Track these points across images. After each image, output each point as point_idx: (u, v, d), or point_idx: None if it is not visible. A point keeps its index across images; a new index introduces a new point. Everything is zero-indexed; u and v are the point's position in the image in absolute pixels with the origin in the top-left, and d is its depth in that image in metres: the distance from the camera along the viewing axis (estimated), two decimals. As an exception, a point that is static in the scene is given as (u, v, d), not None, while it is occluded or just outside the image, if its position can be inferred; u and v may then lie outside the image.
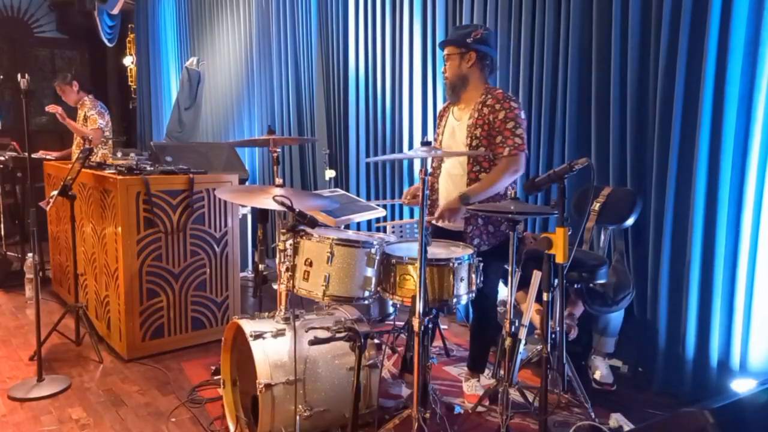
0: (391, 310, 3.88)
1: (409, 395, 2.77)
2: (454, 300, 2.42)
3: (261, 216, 4.05)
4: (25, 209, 5.14)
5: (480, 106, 2.78)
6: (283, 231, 2.47)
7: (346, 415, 2.32)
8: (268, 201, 2.40)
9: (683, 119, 2.81)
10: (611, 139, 3.14)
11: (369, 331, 2.26)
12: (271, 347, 2.37)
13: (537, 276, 2.36)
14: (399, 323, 3.04)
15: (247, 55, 6.32)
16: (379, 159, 3.92)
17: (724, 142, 2.68)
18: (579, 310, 2.98)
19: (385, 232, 4.05)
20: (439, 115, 3.10)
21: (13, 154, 5.13)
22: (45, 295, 4.46)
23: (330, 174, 4.79)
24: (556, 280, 2.32)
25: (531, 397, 2.64)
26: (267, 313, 2.61)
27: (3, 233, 5.42)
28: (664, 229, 2.92)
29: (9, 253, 5.20)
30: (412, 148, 4.41)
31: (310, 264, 2.43)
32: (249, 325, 2.42)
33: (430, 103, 4.24)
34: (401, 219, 4.48)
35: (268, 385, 2.29)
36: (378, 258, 2.44)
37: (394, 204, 4.48)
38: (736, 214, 2.71)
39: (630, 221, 3.02)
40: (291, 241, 2.46)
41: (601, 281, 2.88)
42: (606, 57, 3.15)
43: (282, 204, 2.31)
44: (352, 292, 2.43)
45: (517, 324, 2.45)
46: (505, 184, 2.76)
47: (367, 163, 4.88)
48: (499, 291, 3.68)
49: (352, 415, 2.15)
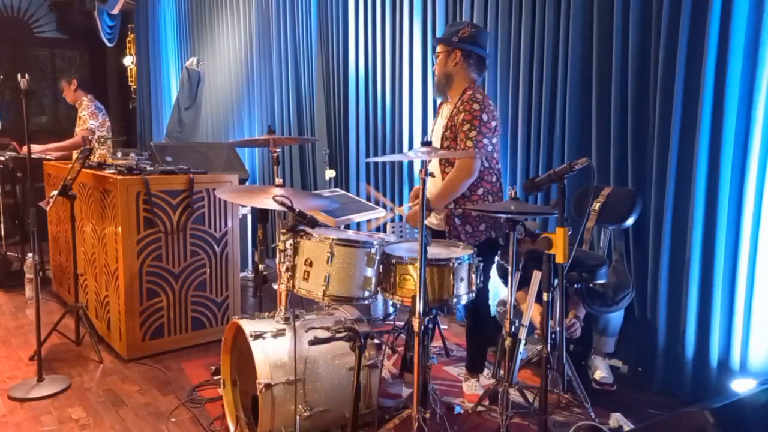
0: (391, 310, 3.88)
1: (409, 395, 2.77)
2: (454, 300, 2.42)
3: (261, 216, 4.05)
4: (25, 209, 5.13)
5: (453, 106, 2.81)
6: (283, 231, 2.47)
7: (346, 415, 2.32)
8: (268, 201, 2.40)
9: (683, 119, 2.81)
10: (611, 139, 3.14)
11: (369, 331, 2.26)
12: (271, 347, 2.37)
13: (537, 276, 2.36)
14: (399, 323, 3.05)
15: (247, 55, 6.32)
16: (379, 159, 3.94)
17: (724, 142, 2.68)
18: (582, 312, 2.98)
19: (385, 232, 4.05)
20: (436, 112, 3.12)
21: (13, 154, 5.12)
22: (45, 295, 4.46)
23: (330, 174, 4.79)
24: (556, 280, 2.32)
25: (531, 397, 2.64)
26: (267, 313, 2.61)
27: (3, 233, 5.41)
28: (664, 229, 2.92)
29: (9, 253, 5.20)
30: (412, 148, 4.41)
31: (310, 264, 2.43)
32: (249, 325, 2.42)
33: (430, 103, 4.24)
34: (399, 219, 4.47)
35: (268, 385, 2.29)
36: (378, 258, 2.44)
37: (394, 215, 4.46)
38: (736, 214, 2.71)
39: (630, 221, 3.02)
40: (291, 241, 2.46)
41: (601, 281, 2.88)
42: (606, 57, 3.15)
43: (282, 204, 2.31)
44: (352, 292, 2.42)
45: (517, 324, 2.45)
46: (458, 190, 2.75)
47: (367, 163, 4.88)
48: (498, 291, 3.69)
49: (352, 415, 2.15)
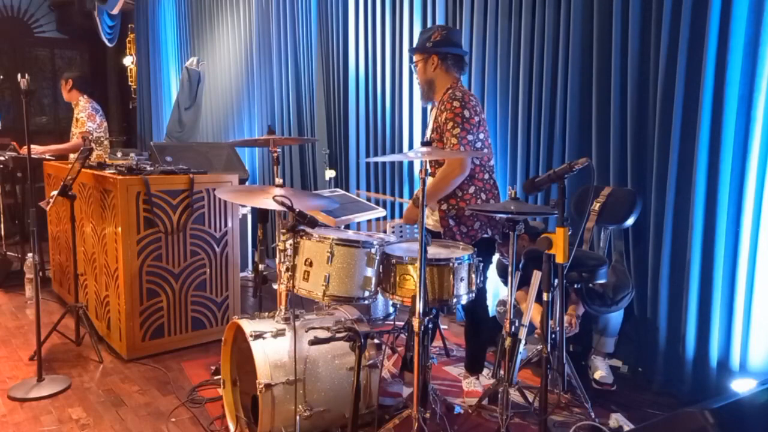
0: (391, 310, 3.88)
1: (409, 395, 2.77)
2: (454, 300, 2.42)
3: (261, 216, 4.06)
4: (25, 209, 5.13)
5: (438, 107, 2.84)
6: (283, 231, 2.47)
7: (346, 415, 2.32)
8: (268, 201, 2.40)
9: (683, 119, 2.81)
10: (611, 139, 3.14)
11: (369, 331, 2.26)
12: (271, 347, 2.37)
13: (537, 276, 2.36)
14: (399, 323, 3.04)
15: (247, 55, 6.32)
16: (379, 159, 3.94)
17: (724, 142, 2.68)
18: (581, 310, 2.98)
19: (384, 231, 4.05)
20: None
21: (13, 154, 5.12)
22: (45, 295, 4.46)
23: (330, 174, 4.79)
24: (556, 280, 2.32)
25: (531, 397, 2.64)
26: (267, 313, 2.61)
27: (3, 233, 5.41)
28: (664, 229, 2.92)
29: (9, 253, 5.20)
30: (412, 148, 4.41)
31: (310, 264, 2.43)
32: (249, 325, 2.42)
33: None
34: (399, 218, 4.47)
35: (268, 385, 2.29)
36: (378, 258, 2.44)
37: (394, 202, 4.47)
38: (736, 214, 2.71)
39: (630, 221, 3.02)
40: (291, 241, 2.46)
41: (601, 281, 2.88)
42: (606, 57, 3.15)
43: (282, 204, 2.31)
44: (352, 292, 2.42)
45: (517, 324, 2.45)
46: (449, 186, 2.76)
47: (367, 163, 4.88)
48: (498, 291, 3.69)
49: (352, 415, 2.15)
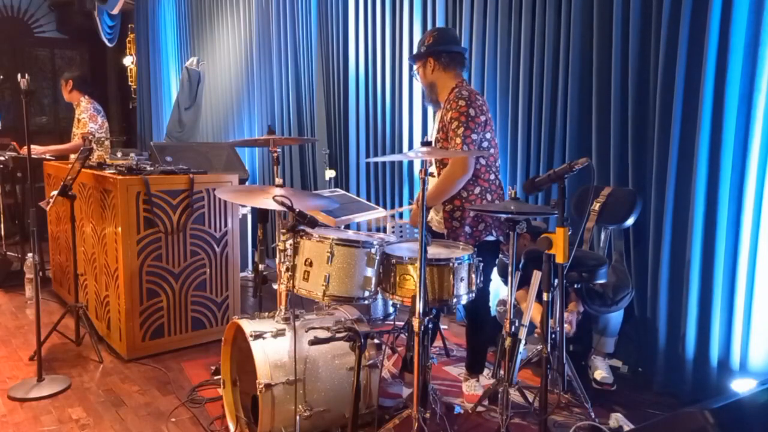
0: (391, 310, 3.88)
1: (409, 395, 2.77)
2: (454, 300, 2.42)
3: (261, 216, 4.06)
4: (25, 209, 5.13)
5: (442, 107, 2.85)
6: (283, 231, 2.47)
7: (346, 415, 2.32)
8: (268, 201, 2.40)
9: (683, 119, 2.81)
10: (611, 138, 3.14)
11: (369, 331, 2.26)
12: (271, 347, 2.37)
13: (537, 276, 2.36)
14: (399, 323, 3.05)
15: (247, 55, 6.32)
16: (379, 159, 3.95)
17: (724, 142, 2.68)
18: (580, 307, 2.98)
19: (384, 231, 4.05)
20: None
21: (13, 154, 5.12)
22: (45, 295, 4.46)
23: (330, 174, 4.79)
24: (556, 280, 2.32)
25: (531, 397, 2.64)
26: (267, 313, 2.61)
27: (3, 233, 5.41)
28: (664, 229, 2.92)
29: (9, 253, 5.20)
30: (412, 148, 4.41)
31: (310, 264, 2.43)
32: (249, 325, 2.42)
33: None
34: (401, 217, 4.46)
35: (268, 385, 2.29)
36: (378, 258, 2.44)
37: (402, 212, 4.46)
38: (736, 214, 2.71)
39: (630, 221, 3.02)
40: (291, 241, 2.46)
41: (601, 281, 2.88)
42: (606, 56, 3.15)
43: (282, 204, 2.31)
44: (352, 292, 2.42)
45: (517, 324, 2.45)
46: (453, 187, 2.75)
47: (367, 163, 4.88)
48: (498, 291, 3.69)
49: (352, 415, 2.15)
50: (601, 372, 3.01)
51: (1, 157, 5.14)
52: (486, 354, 3.05)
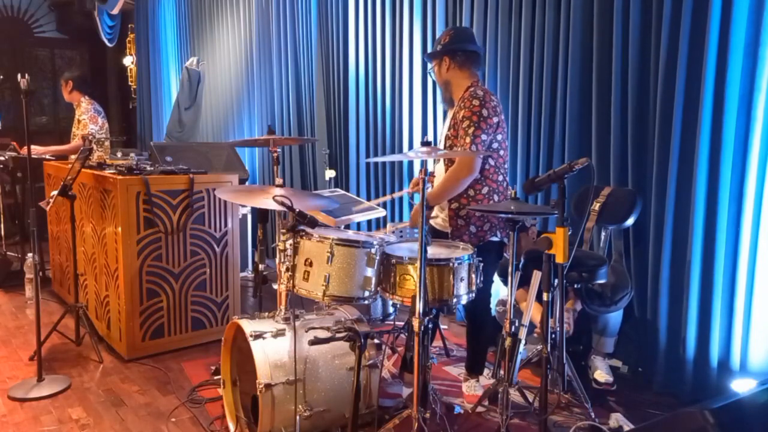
0: (391, 310, 3.88)
1: (409, 395, 2.77)
2: (454, 300, 2.42)
3: (261, 216, 4.06)
4: (25, 209, 5.13)
5: (456, 105, 2.84)
6: (283, 231, 2.47)
7: (346, 415, 2.32)
8: (268, 201, 2.40)
9: (683, 119, 2.81)
10: (611, 139, 3.14)
11: (369, 331, 2.26)
12: (271, 347, 2.37)
13: (537, 276, 2.36)
14: (399, 323, 3.05)
15: (247, 55, 6.32)
16: (379, 159, 3.94)
17: (724, 142, 2.68)
18: (578, 306, 2.98)
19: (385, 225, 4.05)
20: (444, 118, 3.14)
21: (13, 154, 5.12)
22: (45, 295, 4.46)
23: (330, 174, 4.79)
24: (556, 280, 2.32)
25: (531, 397, 2.64)
26: (267, 313, 2.61)
27: (3, 233, 5.41)
28: (664, 229, 2.92)
29: (9, 253, 5.20)
30: (412, 148, 4.41)
31: (310, 264, 2.43)
32: (249, 325, 2.42)
33: (430, 103, 4.24)
34: (401, 220, 4.47)
35: (268, 385, 2.29)
36: (378, 258, 2.44)
37: (394, 199, 4.46)
38: (736, 214, 2.71)
39: (630, 221, 3.02)
40: (291, 241, 2.46)
41: (601, 281, 2.88)
42: (607, 56, 3.15)
43: (282, 204, 2.31)
44: (352, 292, 2.43)
45: (517, 324, 2.45)
46: (457, 186, 2.75)
47: (367, 163, 4.88)
48: (499, 290, 3.69)
49: (352, 415, 2.15)
50: (601, 372, 3.01)
51: (1, 157, 5.14)
52: (486, 354, 3.05)
